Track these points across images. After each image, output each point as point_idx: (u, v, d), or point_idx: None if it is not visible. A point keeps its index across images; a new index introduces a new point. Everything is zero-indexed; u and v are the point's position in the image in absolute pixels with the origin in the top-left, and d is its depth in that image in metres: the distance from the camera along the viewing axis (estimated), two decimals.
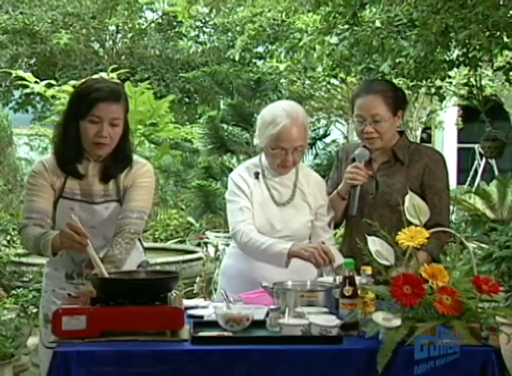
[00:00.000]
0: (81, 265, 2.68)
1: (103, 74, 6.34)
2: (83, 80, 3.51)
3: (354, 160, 3.02)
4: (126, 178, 2.71)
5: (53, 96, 6.39)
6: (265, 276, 2.73)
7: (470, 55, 4.97)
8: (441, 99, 7.22)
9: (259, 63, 10.37)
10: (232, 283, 2.93)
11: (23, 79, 6.51)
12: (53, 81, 6.68)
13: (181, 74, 10.38)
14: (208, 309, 2.53)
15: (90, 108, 2.56)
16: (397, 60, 4.97)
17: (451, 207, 4.31)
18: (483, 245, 4.40)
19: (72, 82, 6.45)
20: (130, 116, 2.79)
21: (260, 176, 2.95)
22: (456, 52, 5.24)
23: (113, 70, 6.69)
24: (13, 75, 6.76)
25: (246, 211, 2.88)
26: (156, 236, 7.74)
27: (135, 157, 2.77)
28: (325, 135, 5.88)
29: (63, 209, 2.67)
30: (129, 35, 11.85)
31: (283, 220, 2.90)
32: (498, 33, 4.45)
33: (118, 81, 5.97)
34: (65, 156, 2.66)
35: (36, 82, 6.45)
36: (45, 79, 6.63)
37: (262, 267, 2.83)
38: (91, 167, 2.68)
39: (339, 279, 2.51)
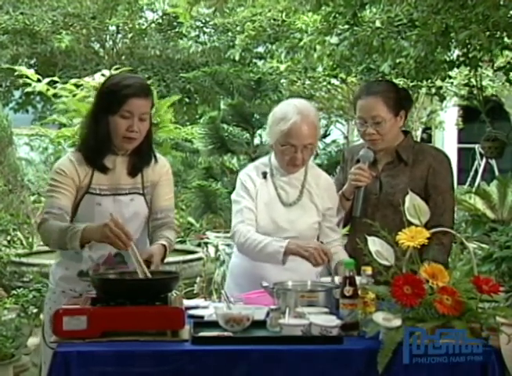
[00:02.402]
0: (98, 262, 2.68)
1: (106, 72, 6.30)
2: (108, 76, 3.54)
3: (358, 161, 3.02)
4: (153, 173, 2.76)
5: (55, 95, 6.36)
6: (271, 274, 2.73)
7: (470, 55, 4.97)
8: (442, 99, 7.22)
9: (259, 63, 10.37)
10: (240, 281, 2.93)
11: (26, 77, 6.48)
12: (56, 78, 6.66)
13: (181, 74, 10.38)
14: (208, 310, 2.53)
15: (122, 104, 2.60)
16: (397, 60, 4.97)
17: None
18: (483, 245, 4.40)
19: (73, 80, 6.42)
20: None
21: (268, 176, 2.94)
22: (456, 53, 5.23)
23: (115, 70, 6.66)
24: (16, 73, 6.73)
25: (247, 212, 2.87)
26: None
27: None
28: (325, 136, 5.89)
29: (88, 205, 2.67)
30: (129, 35, 11.83)
31: (289, 220, 2.89)
32: (498, 33, 4.45)
33: None
34: (95, 151, 2.68)
35: (39, 80, 6.42)
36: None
37: (268, 266, 2.82)
38: (119, 161, 2.71)
39: (338, 279, 2.52)
